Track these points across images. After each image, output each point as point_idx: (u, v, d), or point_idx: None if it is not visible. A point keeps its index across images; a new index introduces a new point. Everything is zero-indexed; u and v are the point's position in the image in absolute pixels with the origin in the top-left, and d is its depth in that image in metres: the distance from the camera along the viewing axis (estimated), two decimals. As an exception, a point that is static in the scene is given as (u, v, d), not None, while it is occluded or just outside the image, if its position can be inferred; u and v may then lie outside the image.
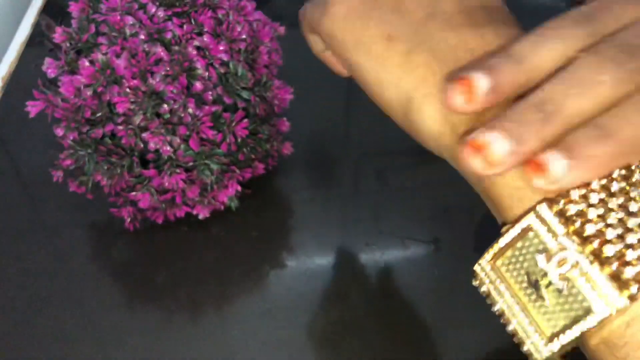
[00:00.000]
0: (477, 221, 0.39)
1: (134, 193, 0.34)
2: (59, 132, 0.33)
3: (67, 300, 0.35)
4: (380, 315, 0.35)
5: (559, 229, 0.19)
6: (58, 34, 0.33)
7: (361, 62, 0.24)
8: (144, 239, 0.38)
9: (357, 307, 0.35)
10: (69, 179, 0.35)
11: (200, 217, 0.37)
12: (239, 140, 0.34)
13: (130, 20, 0.32)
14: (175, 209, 0.36)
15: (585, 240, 0.18)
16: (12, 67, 0.50)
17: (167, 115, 0.33)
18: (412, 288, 0.36)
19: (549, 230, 0.19)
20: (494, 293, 0.21)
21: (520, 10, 0.61)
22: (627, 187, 0.19)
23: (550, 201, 0.19)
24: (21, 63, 0.51)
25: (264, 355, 0.33)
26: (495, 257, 0.20)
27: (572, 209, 0.19)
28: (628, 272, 0.18)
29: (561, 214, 0.19)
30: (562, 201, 0.19)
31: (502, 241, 0.20)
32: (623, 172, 0.19)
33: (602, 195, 0.19)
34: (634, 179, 0.19)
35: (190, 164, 0.34)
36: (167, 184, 0.34)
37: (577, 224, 0.19)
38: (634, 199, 0.19)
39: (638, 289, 0.17)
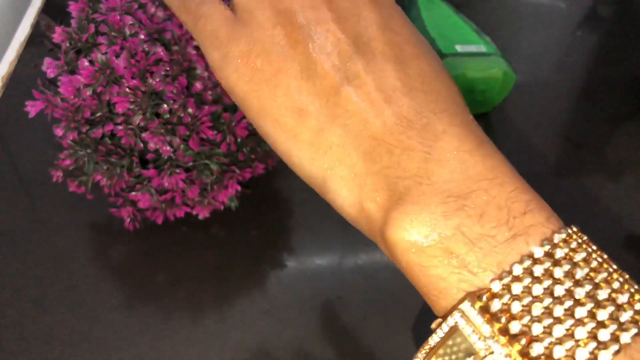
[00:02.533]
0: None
1: (133, 193, 0.34)
2: (59, 132, 0.33)
3: (67, 300, 0.35)
4: (380, 316, 0.35)
5: (485, 328, 0.18)
6: (57, 34, 0.33)
7: (269, 132, 0.22)
8: (144, 239, 0.38)
9: (357, 307, 0.35)
10: (68, 179, 0.35)
11: (200, 217, 0.37)
12: (239, 140, 0.34)
13: (129, 20, 0.32)
14: (175, 209, 0.36)
15: (512, 338, 0.17)
16: (11, 67, 0.50)
17: (167, 115, 0.33)
18: (412, 288, 0.36)
19: (475, 330, 0.18)
20: None
21: (520, 11, 0.62)
22: (551, 268, 0.18)
23: (474, 297, 0.18)
24: (21, 63, 0.50)
25: (264, 355, 0.33)
26: (429, 355, 0.19)
27: (495, 305, 0.18)
28: None
29: (485, 310, 0.18)
30: (485, 296, 0.18)
31: (432, 341, 0.19)
32: (547, 247, 0.18)
33: (527, 281, 0.18)
34: (557, 256, 0.18)
35: (190, 164, 0.34)
36: (167, 184, 0.34)
37: (503, 321, 0.18)
38: (558, 281, 0.18)
39: None
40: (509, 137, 0.45)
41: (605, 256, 0.19)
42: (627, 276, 0.19)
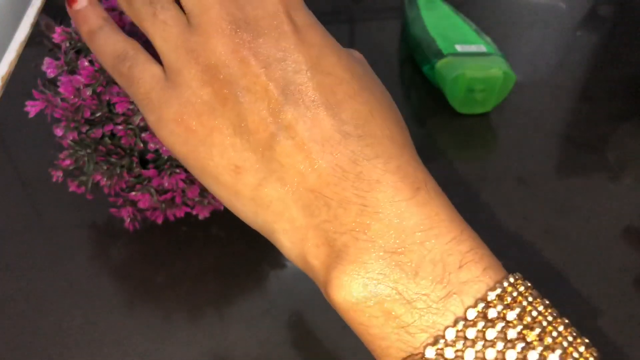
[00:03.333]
0: (477, 221, 0.39)
1: (133, 193, 0.34)
2: (59, 132, 0.33)
3: (67, 300, 0.35)
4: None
5: None
6: (57, 34, 0.33)
7: (212, 190, 0.23)
8: (144, 239, 0.38)
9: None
10: (68, 179, 0.35)
11: (200, 217, 0.37)
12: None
13: (130, 19, 0.32)
14: (175, 209, 0.36)
15: None
16: (11, 67, 0.50)
17: (167, 115, 0.33)
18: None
19: None
20: None
21: (520, 11, 0.62)
22: (484, 329, 0.18)
23: None
24: (21, 63, 0.50)
25: (264, 355, 0.33)
26: None
27: None
28: None
29: None
30: None
31: None
32: (480, 306, 0.18)
33: (459, 344, 0.18)
34: (490, 316, 0.18)
35: (190, 164, 0.34)
36: (166, 184, 0.34)
37: None
38: (491, 344, 0.18)
39: None
40: (509, 137, 0.45)
41: (542, 305, 0.19)
42: (566, 321, 0.19)
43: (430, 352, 0.18)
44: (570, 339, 0.19)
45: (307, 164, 0.20)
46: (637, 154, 0.44)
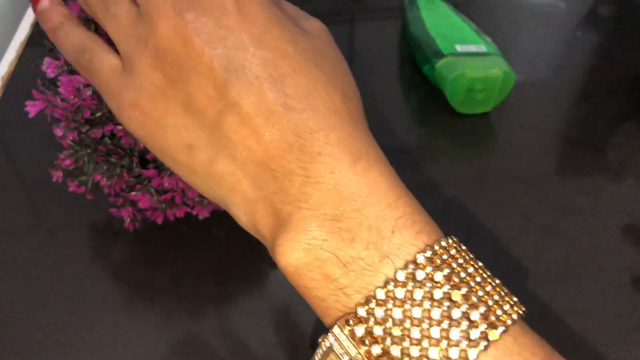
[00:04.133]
0: (477, 221, 0.39)
1: (133, 193, 0.34)
2: (59, 132, 0.33)
3: (67, 300, 0.35)
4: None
5: (352, 351, 0.19)
6: (57, 34, 0.32)
7: (173, 168, 0.24)
8: (144, 239, 0.38)
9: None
10: (68, 179, 0.35)
11: (200, 217, 0.37)
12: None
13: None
14: (175, 209, 0.36)
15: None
16: (11, 67, 0.50)
17: (167, 115, 0.33)
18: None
19: (345, 352, 0.20)
20: None
21: (520, 11, 0.62)
22: (412, 289, 0.19)
23: (343, 321, 0.20)
24: (21, 63, 0.50)
25: (264, 355, 0.33)
26: None
27: (359, 330, 0.19)
28: None
29: (354, 334, 0.19)
30: (352, 320, 0.20)
31: (317, 355, 0.21)
32: (410, 268, 0.19)
33: (389, 304, 0.19)
34: (418, 278, 0.19)
35: (190, 164, 0.34)
36: (166, 184, 0.34)
37: (367, 344, 0.19)
38: (418, 303, 0.19)
39: None
40: (509, 137, 0.45)
41: (472, 267, 0.20)
42: (497, 281, 0.20)
43: (361, 311, 0.19)
44: (496, 297, 0.20)
45: (254, 139, 0.21)
46: (638, 153, 0.44)
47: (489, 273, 0.21)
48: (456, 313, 0.19)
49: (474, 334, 0.18)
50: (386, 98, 0.48)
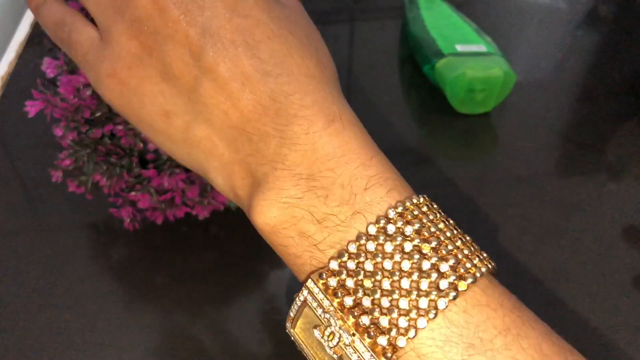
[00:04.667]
0: (477, 221, 0.39)
1: (133, 193, 0.34)
2: (58, 132, 0.33)
3: (67, 300, 0.35)
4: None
5: (326, 303, 0.20)
6: (57, 34, 0.32)
7: (150, 136, 0.24)
8: (144, 240, 0.38)
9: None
10: (68, 179, 0.35)
11: (200, 217, 0.37)
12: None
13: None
14: (175, 209, 0.36)
15: (348, 311, 0.20)
16: (11, 67, 0.50)
17: (167, 115, 0.33)
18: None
19: (319, 305, 0.20)
20: (305, 353, 0.22)
21: (520, 11, 0.61)
22: (382, 243, 0.20)
23: (316, 275, 0.20)
24: (20, 63, 0.50)
25: (264, 355, 0.33)
26: (293, 323, 0.22)
27: (332, 282, 0.20)
28: (381, 340, 0.19)
29: (327, 287, 0.20)
30: (325, 274, 0.20)
31: (292, 312, 0.22)
32: (381, 223, 0.20)
33: (361, 257, 0.20)
34: (389, 232, 0.20)
35: (190, 164, 0.34)
36: (166, 184, 0.34)
37: (339, 296, 0.20)
38: (388, 255, 0.20)
39: (392, 355, 0.19)
40: (509, 137, 0.45)
41: (443, 222, 0.21)
42: (467, 238, 0.21)
43: (334, 264, 0.20)
44: (466, 252, 0.20)
45: (230, 104, 0.22)
46: (638, 153, 0.44)
47: (460, 230, 0.21)
48: (426, 264, 0.19)
49: (443, 284, 0.19)
50: (386, 98, 0.48)
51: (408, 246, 0.20)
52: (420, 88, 0.49)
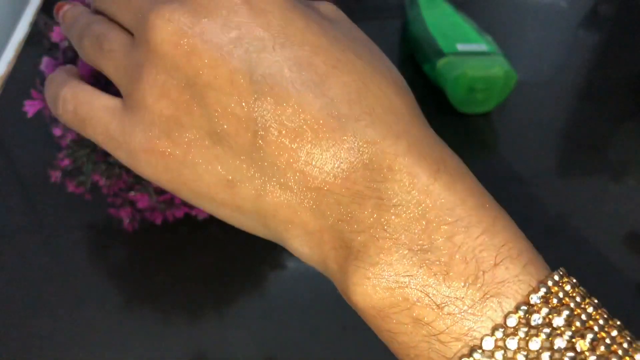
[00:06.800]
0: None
1: (132, 193, 0.34)
2: (57, 132, 0.33)
3: (66, 301, 0.35)
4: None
5: None
6: (56, 33, 0.32)
7: (214, 211, 0.20)
8: (143, 240, 0.38)
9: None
10: (67, 179, 0.35)
11: (200, 218, 0.37)
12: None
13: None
14: (174, 209, 0.36)
15: None
16: (10, 67, 0.50)
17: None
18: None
19: None
20: None
21: (521, 10, 0.61)
22: (527, 338, 0.16)
23: None
24: (19, 62, 0.50)
25: (264, 355, 0.33)
26: None
27: None
28: None
29: None
30: None
31: None
32: (522, 311, 0.16)
33: (498, 355, 0.16)
34: (533, 323, 0.16)
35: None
36: (166, 184, 0.34)
37: None
38: (533, 356, 0.16)
39: None
40: (509, 136, 0.45)
41: (591, 306, 0.17)
42: (618, 323, 0.17)
43: None
44: (625, 345, 0.16)
45: (304, 159, 0.17)
46: (638, 153, 0.44)
47: (608, 314, 0.17)
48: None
49: None
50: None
51: (560, 342, 0.16)
52: (421, 87, 0.49)
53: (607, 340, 0.16)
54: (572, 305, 0.16)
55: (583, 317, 0.16)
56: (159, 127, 0.19)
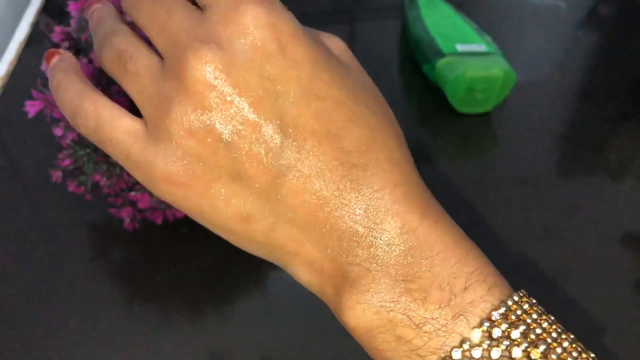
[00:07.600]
0: (477, 221, 0.39)
1: (133, 193, 0.34)
2: (58, 132, 0.33)
3: (66, 300, 0.35)
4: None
5: None
6: (57, 34, 0.32)
7: (225, 238, 0.22)
8: (143, 240, 0.38)
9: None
10: (67, 179, 0.35)
11: (200, 217, 0.37)
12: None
13: (129, 19, 0.32)
14: (175, 209, 0.36)
15: None
16: (11, 67, 0.50)
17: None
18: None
19: None
20: None
21: (521, 11, 0.61)
22: (489, 348, 0.19)
23: None
24: (20, 63, 0.50)
25: (264, 355, 0.33)
26: None
27: None
28: None
29: None
30: None
31: None
32: (485, 326, 0.19)
33: None
34: (494, 335, 0.19)
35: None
36: (166, 184, 0.34)
37: None
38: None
39: None
40: (509, 137, 0.45)
41: (547, 322, 0.20)
42: (571, 336, 0.20)
43: None
44: (575, 354, 0.19)
45: (316, 203, 0.20)
46: (638, 154, 0.44)
47: (562, 328, 0.20)
48: None
49: None
50: (386, 98, 0.48)
51: (516, 352, 0.18)
52: (420, 88, 0.49)
53: (559, 350, 0.19)
54: (528, 320, 0.19)
55: (538, 330, 0.19)
56: (182, 162, 0.20)
